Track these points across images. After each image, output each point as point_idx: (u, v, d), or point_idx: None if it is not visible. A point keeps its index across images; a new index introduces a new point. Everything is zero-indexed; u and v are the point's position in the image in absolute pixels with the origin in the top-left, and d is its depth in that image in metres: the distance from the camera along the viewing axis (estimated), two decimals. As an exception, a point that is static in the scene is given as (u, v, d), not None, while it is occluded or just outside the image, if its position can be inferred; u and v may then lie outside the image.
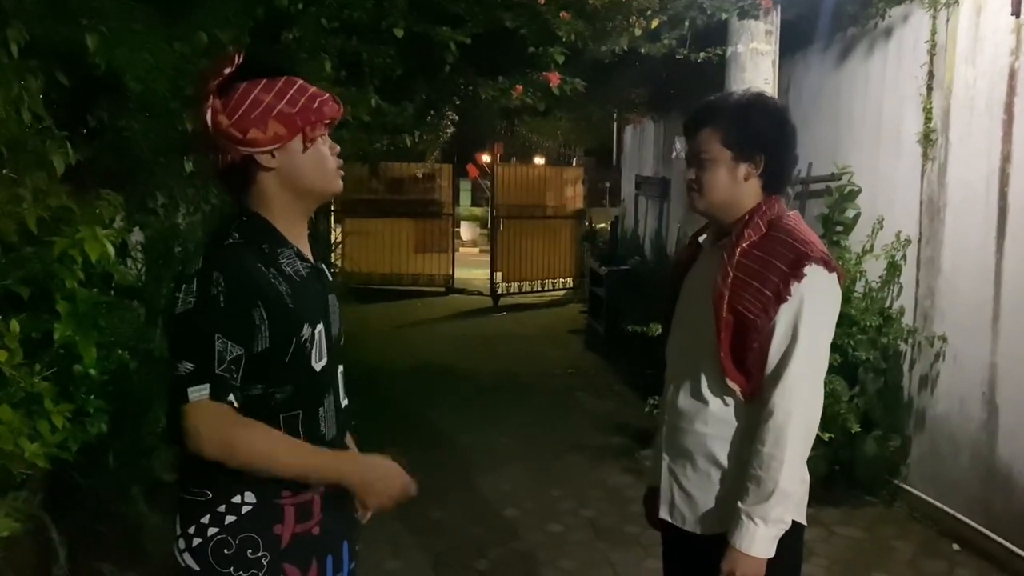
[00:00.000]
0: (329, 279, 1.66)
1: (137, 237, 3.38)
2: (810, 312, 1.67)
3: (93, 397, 2.43)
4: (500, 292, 11.53)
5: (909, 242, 4.30)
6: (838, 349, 4.15)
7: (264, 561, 1.46)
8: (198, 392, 1.38)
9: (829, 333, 1.76)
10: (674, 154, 6.90)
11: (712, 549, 1.72)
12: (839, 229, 4.66)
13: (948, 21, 4.04)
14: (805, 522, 1.81)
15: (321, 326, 1.54)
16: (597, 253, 10.28)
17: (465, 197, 21.67)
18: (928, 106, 4.15)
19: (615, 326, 7.67)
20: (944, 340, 4.02)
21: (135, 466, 2.98)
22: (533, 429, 5.63)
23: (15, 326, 2.18)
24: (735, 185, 1.77)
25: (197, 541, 1.46)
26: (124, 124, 2.85)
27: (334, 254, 10.36)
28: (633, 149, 11.12)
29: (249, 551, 1.46)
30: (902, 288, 4.36)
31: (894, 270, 4.38)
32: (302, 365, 1.50)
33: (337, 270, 9.90)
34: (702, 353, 1.77)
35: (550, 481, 4.62)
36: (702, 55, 4.72)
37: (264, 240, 1.50)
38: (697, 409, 1.80)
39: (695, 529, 1.83)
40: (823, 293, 1.70)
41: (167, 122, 2.93)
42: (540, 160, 16.57)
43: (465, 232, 19.46)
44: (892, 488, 4.33)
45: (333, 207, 10.88)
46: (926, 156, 4.19)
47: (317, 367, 1.53)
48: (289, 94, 1.49)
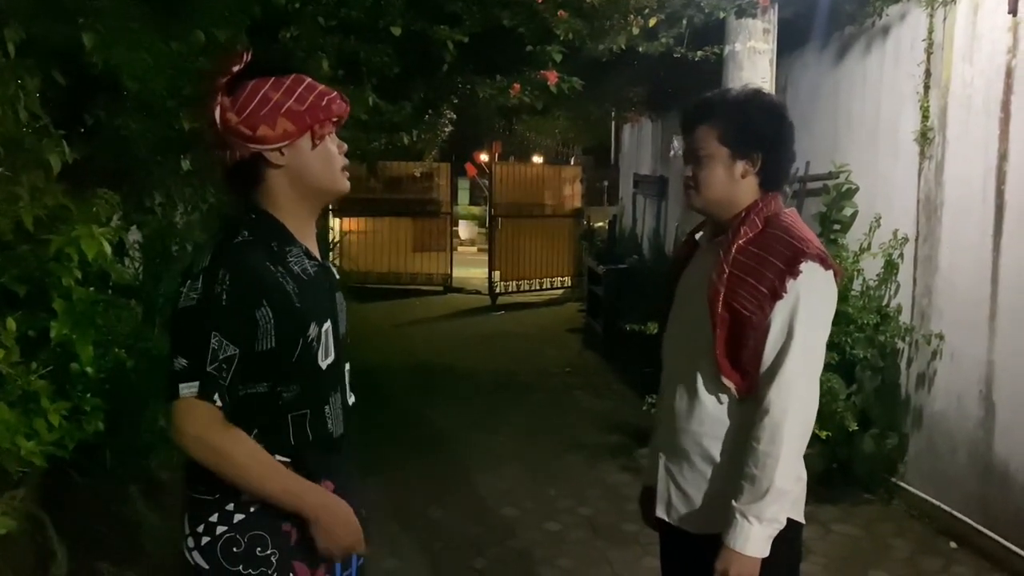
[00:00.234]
0: (336, 277, 1.66)
1: (135, 236, 3.38)
2: (806, 309, 1.66)
3: (90, 395, 2.43)
4: (498, 291, 11.53)
5: (906, 240, 4.30)
6: (836, 347, 4.15)
7: (273, 559, 1.46)
8: (188, 389, 1.38)
9: (825, 330, 1.74)
10: (672, 153, 6.92)
11: (709, 548, 1.70)
12: (837, 227, 4.67)
13: (945, 20, 4.04)
14: (803, 520, 1.80)
15: (328, 324, 1.55)
16: (595, 252, 10.29)
17: (463, 196, 21.67)
18: (925, 104, 4.15)
19: (613, 325, 7.68)
20: (941, 338, 4.03)
21: (133, 465, 2.98)
22: (531, 428, 5.63)
23: (11, 324, 2.18)
24: (732, 182, 1.76)
25: (206, 540, 1.46)
26: (121, 123, 2.85)
27: (332, 253, 10.36)
28: (631, 148, 11.13)
29: (258, 549, 1.46)
30: (899, 286, 4.37)
31: (891, 268, 4.39)
32: (309, 364, 1.51)
33: (335, 269, 9.89)
34: (698, 351, 1.76)
35: (548, 480, 4.62)
36: (700, 54, 4.72)
37: (273, 238, 1.50)
38: (693, 407, 1.79)
39: (691, 528, 1.82)
40: (819, 290, 1.69)
41: (164, 121, 2.93)
42: (538, 159, 16.59)
43: (463, 231, 19.47)
44: (890, 486, 4.33)
45: (331, 206, 10.88)
46: (923, 154, 4.19)
47: (323, 365, 1.53)
48: (298, 92, 1.49)
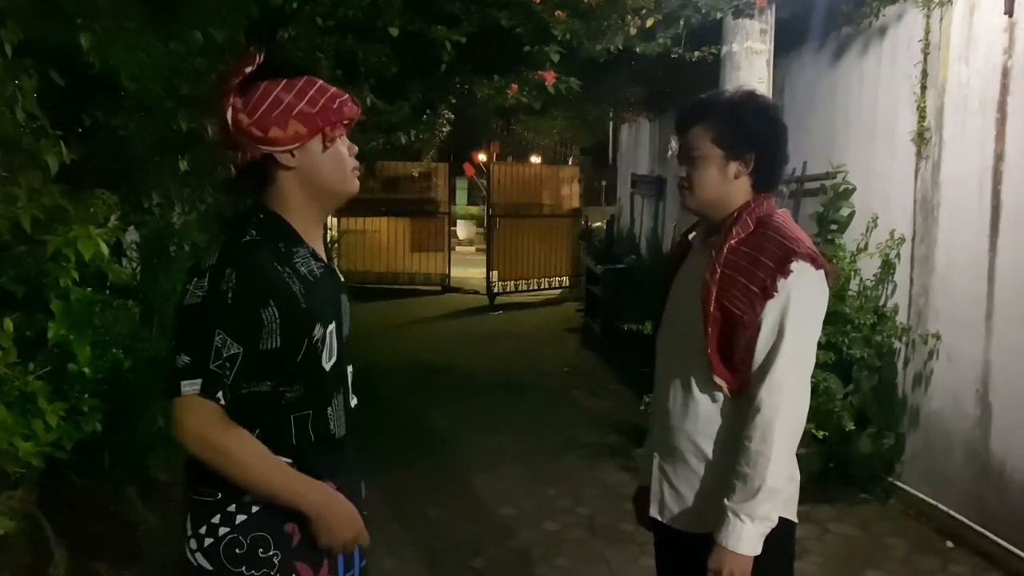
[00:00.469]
0: (341, 280, 1.66)
1: (132, 236, 3.38)
2: (797, 308, 1.67)
3: (87, 396, 2.43)
4: (496, 291, 11.53)
5: (903, 240, 4.31)
6: (833, 347, 4.16)
7: (276, 560, 1.47)
8: (190, 386, 1.38)
9: (816, 329, 1.76)
10: (670, 153, 6.93)
11: (703, 547, 1.71)
12: (834, 227, 4.68)
13: (942, 20, 4.05)
14: (796, 519, 1.81)
15: (333, 326, 1.55)
16: (593, 252, 10.29)
17: (461, 196, 21.69)
18: (922, 105, 4.16)
19: (611, 324, 7.69)
20: (938, 338, 4.04)
21: (131, 465, 2.98)
22: (529, 427, 5.63)
23: (9, 325, 2.18)
24: (725, 183, 1.78)
25: (209, 541, 1.46)
26: (119, 123, 2.85)
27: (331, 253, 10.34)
28: (629, 148, 11.13)
29: (261, 550, 1.46)
30: (896, 286, 4.38)
31: (888, 268, 4.39)
32: (313, 365, 1.51)
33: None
34: (690, 350, 1.77)
35: (546, 479, 4.63)
36: (697, 54, 4.72)
37: (281, 239, 1.51)
38: (686, 406, 1.80)
39: (685, 527, 1.83)
40: (810, 289, 1.70)
41: (162, 121, 2.93)
42: (536, 159, 16.58)
43: (461, 231, 19.49)
44: (886, 485, 4.34)
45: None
46: (920, 155, 4.20)
47: (327, 367, 1.54)
48: (309, 94, 1.49)
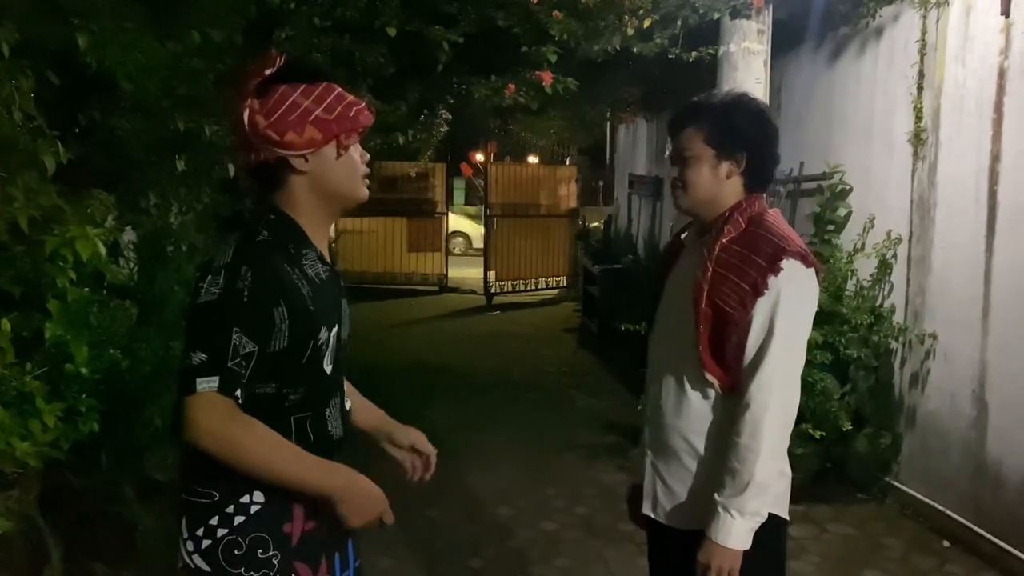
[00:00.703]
0: (343, 284, 1.66)
1: (130, 236, 3.37)
2: (787, 306, 1.69)
3: (85, 396, 2.43)
4: (494, 291, 11.53)
5: (900, 240, 4.32)
6: (830, 347, 4.17)
7: (275, 560, 1.46)
8: (207, 383, 1.37)
9: (806, 327, 1.77)
10: (667, 153, 6.91)
11: (695, 544, 1.73)
12: (830, 228, 4.69)
13: (938, 21, 4.06)
14: (787, 516, 1.83)
15: (336, 329, 1.56)
16: (591, 252, 10.30)
17: (459, 196, 21.67)
18: (919, 105, 4.17)
19: (609, 324, 7.69)
20: (935, 338, 4.05)
21: (128, 465, 2.97)
22: (527, 427, 5.63)
23: (6, 325, 2.18)
24: (717, 183, 1.80)
25: (207, 543, 1.46)
26: (116, 123, 2.85)
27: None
28: (626, 148, 11.14)
29: (260, 551, 1.46)
30: (893, 286, 4.39)
31: (885, 268, 4.40)
32: (316, 367, 1.52)
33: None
34: (682, 348, 1.79)
35: (544, 479, 4.63)
36: (694, 54, 4.73)
37: (291, 240, 1.51)
38: (678, 404, 1.82)
39: (678, 524, 1.84)
40: (800, 287, 1.72)
41: (159, 121, 2.93)
42: (534, 159, 16.59)
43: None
44: (883, 485, 4.35)
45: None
46: (916, 155, 4.21)
47: (328, 369, 1.55)
48: (327, 100, 1.49)
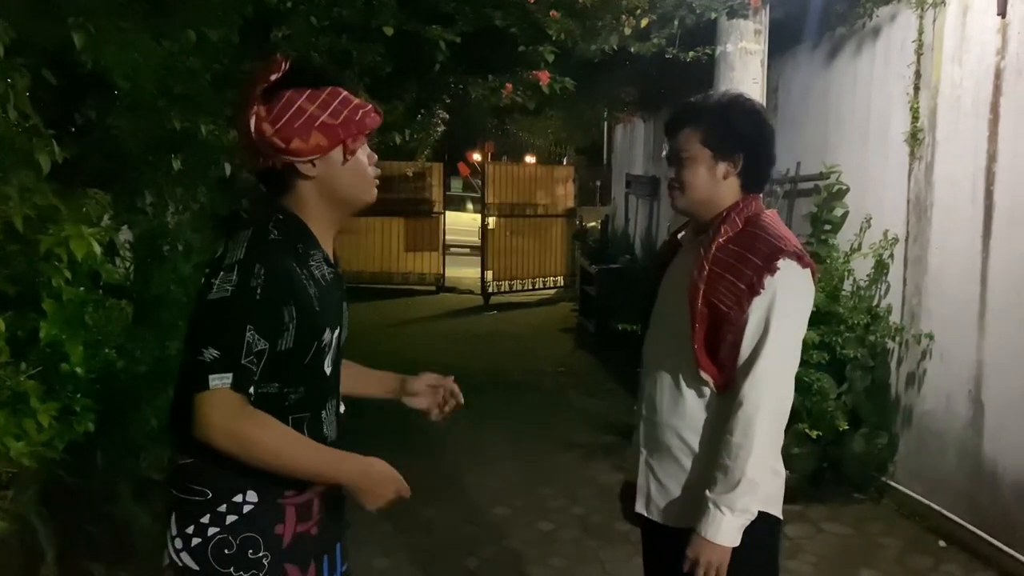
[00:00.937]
0: (345, 287, 1.67)
1: (126, 236, 3.36)
2: (782, 305, 1.70)
3: (80, 396, 2.41)
4: (491, 291, 11.52)
5: (896, 241, 4.33)
6: (826, 347, 4.17)
7: (265, 561, 1.46)
8: (220, 380, 1.37)
9: (801, 326, 1.79)
10: (664, 154, 6.92)
11: (687, 542, 1.73)
12: (827, 228, 4.69)
13: (935, 21, 4.07)
14: (780, 515, 1.83)
15: (338, 331, 1.57)
16: (588, 252, 10.29)
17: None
18: (915, 105, 4.18)
19: (606, 324, 7.68)
20: (931, 338, 4.05)
21: (124, 465, 2.96)
22: (524, 427, 5.63)
23: (1, 324, 2.17)
24: (714, 183, 1.81)
25: (196, 541, 1.45)
26: (112, 122, 2.84)
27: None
28: (624, 148, 11.14)
29: (250, 551, 1.45)
30: (889, 286, 4.39)
31: (882, 268, 4.41)
32: (317, 368, 1.52)
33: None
34: (678, 346, 1.80)
35: (541, 479, 4.63)
36: (691, 54, 4.73)
37: (300, 240, 1.52)
38: (673, 402, 1.83)
39: (671, 522, 1.85)
40: (795, 287, 1.73)
41: (155, 120, 2.92)
42: (531, 159, 16.59)
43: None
44: (879, 485, 4.35)
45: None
46: (913, 155, 4.21)
47: (328, 371, 1.55)
48: (333, 105, 1.49)
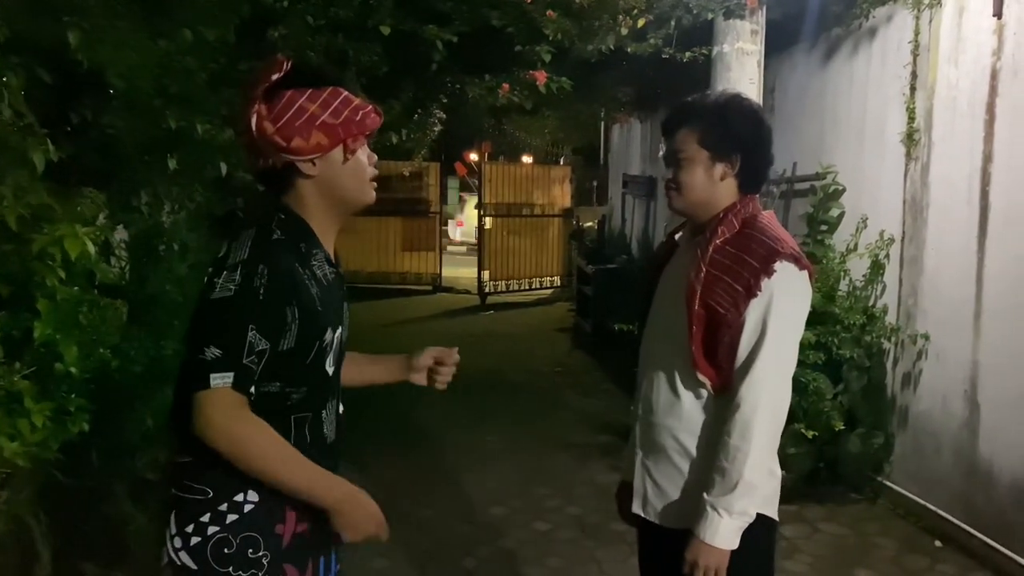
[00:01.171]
0: (345, 287, 1.67)
1: (121, 235, 3.36)
2: (779, 307, 1.70)
3: (74, 396, 2.40)
4: (488, 291, 11.53)
5: (892, 241, 4.33)
6: (822, 347, 4.17)
7: (265, 561, 1.46)
8: (221, 379, 1.36)
9: (798, 328, 1.78)
10: (661, 153, 6.91)
11: (685, 543, 1.73)
12: (823, 228, 4.69)
13: (931, 22, 4.07)
14: (776, 517, 1.83)
15: (339, 331, 1.57)
16: (584, 252, 10.30)
17: (453, 196, 21.65)
18: (911, 106, 4.18)
19: (602, 324, 7.69)
20: (927, 338, 4.06)
21: (119, 465, 2.96)
22: (520, 427, 5.63)
23: (-5, 324, 2.16)
24: (712, 184, 1.81)
25: (196, 540, 1.45)
26: (107, 121, 2.83)
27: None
28: (620, 148, 11.14)
29: (250, 550, 1.45)
30: (885, 287, 4.40)
31: (878, 269, 4.41)
32: (318, 368, 1.52)
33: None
34: (675, 347, 1.80)
35: (537, 479, 4.63)
36: (688, 55, 4.73)
37: (302, 240, 1.52)
38: (669, 403, 1.83)
39: (667, 523, 1.85)
40: (793, 289, 1.73)
41: (151, 120, 2.92)
42: (528, 159, 16.58)
43: (453, 230, 19.44)
44: (875, 485, 4.36)
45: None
46: (909, 156, 4.22)
47: (330, 371, 1.56)
48: (333, 105, 1.50)
